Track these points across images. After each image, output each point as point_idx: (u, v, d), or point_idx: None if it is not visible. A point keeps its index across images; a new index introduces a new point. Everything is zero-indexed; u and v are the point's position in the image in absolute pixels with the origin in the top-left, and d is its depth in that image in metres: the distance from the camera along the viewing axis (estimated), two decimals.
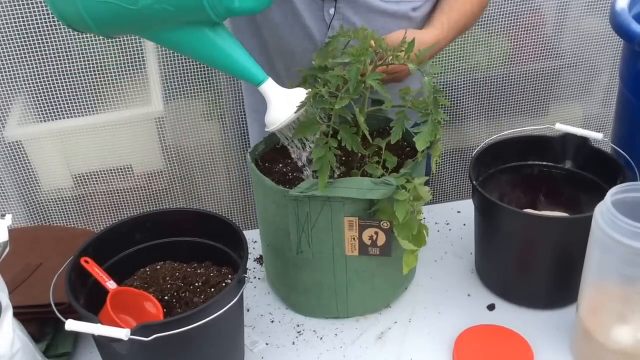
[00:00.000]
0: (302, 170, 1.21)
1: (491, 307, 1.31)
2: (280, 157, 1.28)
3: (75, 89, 1.88)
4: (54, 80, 1.85)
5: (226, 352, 1.15)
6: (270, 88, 1.08)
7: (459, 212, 1.57)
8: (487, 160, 1.34)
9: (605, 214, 1.02)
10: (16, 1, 1.72)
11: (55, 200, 2.07)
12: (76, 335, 1.24)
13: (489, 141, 1.35)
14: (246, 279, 1.08)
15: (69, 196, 2.08)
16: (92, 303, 1.08)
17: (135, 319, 1.12)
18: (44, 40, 1.78)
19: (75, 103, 1.90)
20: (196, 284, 1.17)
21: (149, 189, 2.13)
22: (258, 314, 1.32)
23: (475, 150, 1.33)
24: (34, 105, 1.90)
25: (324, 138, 1.09)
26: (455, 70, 2.10)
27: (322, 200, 1.12)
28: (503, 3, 2.01)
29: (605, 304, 1.11)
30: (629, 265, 1.01)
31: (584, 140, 1.32)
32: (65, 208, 2.09)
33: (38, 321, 1.19)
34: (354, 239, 1.17)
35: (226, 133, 2.07)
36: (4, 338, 1.00)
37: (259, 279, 1.41)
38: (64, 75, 1.85)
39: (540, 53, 2.13)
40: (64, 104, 1.90)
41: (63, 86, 1.87)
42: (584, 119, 2.29)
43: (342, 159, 1.25)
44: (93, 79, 1.89)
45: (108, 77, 1.90)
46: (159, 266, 1.22)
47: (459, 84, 2.14)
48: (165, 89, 1.98)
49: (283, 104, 1.08)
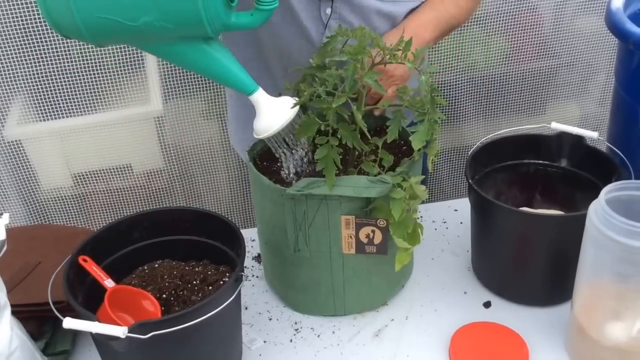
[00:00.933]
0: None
1: (487, 305, 1.31)
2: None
3: (75, 88, 1.89)
4: (53, 80, 1.86)
5: (224, 350, 1.15)
6: (260, 97, 1.10)
7: (455, 211, 1.57)
8: (484, 159, 1.35)
9: (599, 212, 1.03)
10: (15, 1, 1.73)
11: (55, 199, 2.08)
12: (75, 334, 1.25)
13: (485, 140, 1.35)
14: (244, 277, 1.09)
15: (68, 195, 2.08)
16: (91, 301, 1.08)
17: (134, 317, 1.12)
18: (44, 40, 1.79)
19: (75, 102, 1.91)
20: (194, 282, 1.17)
21: (148, 188, 2.13)
22: (256, 312, 1.32)
23: (472, 149, 1.33)
24: (34, 105, 1.90)
25: (325, 137, 1.10)
26: (452, 69, 2.10)
27: (319, 198, 1.13)
28: (500, 2, 2.01)
29: (599, 301, 1.11)
30: (622, 263, 1.01)
31: (580, 139, 1.32)
32: (64, 207, 2.10)
33: (37, 319, 1.20)
34: (350, 237, 1.18)
35: (225, 132, 2.07)
36: (2, 336, 1.01)
37: (256, 277, 1.41)
38: (64, 75, 1.86)
39: (536, 52, 2.13)
40: (64, 104, 1.90)
41: (62, 86, 1.87)
42: (580, 117, 2.29)
43: (340, 157, 1.25)
44: (92, 79, 1.89)
45: (107, 77, 1.91)
46: (157, 265, 1.22)
47: (456, 83, 2.14)
48: (164, 88, 1.99)
49: (272, 112, 1.10)
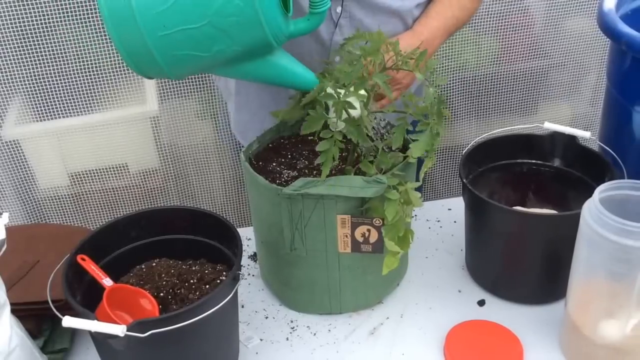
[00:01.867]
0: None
1: (481, 303, 1.32)
2: (274, 156, 1.29)
3: (72, 88, 1.88)
4: (50, 81, 1.86)
5: (221, 348, 1.16)
6: None
7: (449, 210, 1.58)
8: (477, 159, 1.35)
9: (593, 211, 1.03)
10: (13, 2, 1.73)
11: (52, 199, 2.07)
12: (73, 332, 1.25)
13: (478, 140, 1.36)
14: (240, 275, 1.09)
15: (65, 194, 2.08)
16: (89, 300, 1.09)
17: (132, 316, 1.12)
18: (41, 41, 1.79)
19: (72, 103, 1.91)
20: (191, 281, 1.18)
21: (144, 187, 2.13)
22: (252, 310, 1.33)
23: (466, 149, 1.34)
24: (31, 105, 1.90)
25: (329, 131, 1.11)
26: (445, 69, 2.10)
27: (315, 198, 1.13)
28: (492, 3, 2.01)
29: (593, 299, 1.11)
30: (616, 262, 1.02)
31: (572, 138, 1.33)
32: (61, 206, 2.09)
33: (35, 318, 1.20)
34: (346, 236, 1.18)
35: (220, 132, 2.07)
36: (1, 335, 1.01)
37: (253, 275, 1.42)
38: (61, 76, 1.86)
39: (528, 53, 2.13)
40: (61, 104, 1.90)
41: (59, 86, 1.87)
42: (572, 117, 2.30)
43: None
44: (89, 79, 1.89)
45: (103, 77, 1.91)
46: (154, 263, 1.22)
47: (449, 83, 2.14)
48: (160, 88, 1.99)
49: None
